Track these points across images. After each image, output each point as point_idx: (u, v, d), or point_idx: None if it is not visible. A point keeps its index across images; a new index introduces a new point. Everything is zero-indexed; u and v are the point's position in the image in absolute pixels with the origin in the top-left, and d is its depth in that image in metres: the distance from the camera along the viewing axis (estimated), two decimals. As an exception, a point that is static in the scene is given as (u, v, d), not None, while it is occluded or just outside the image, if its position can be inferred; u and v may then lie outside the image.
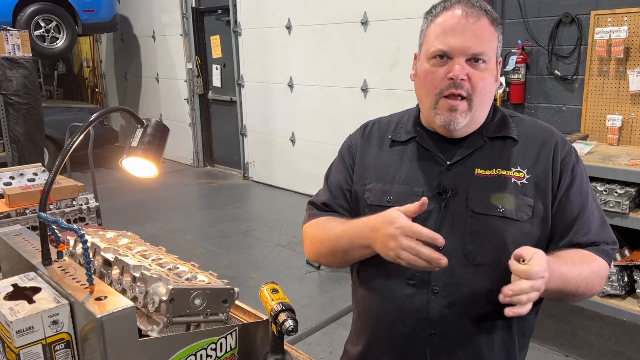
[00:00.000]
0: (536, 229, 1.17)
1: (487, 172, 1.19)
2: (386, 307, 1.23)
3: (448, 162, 1.22)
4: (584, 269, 1.14)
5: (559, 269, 1.09)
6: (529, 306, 0.99)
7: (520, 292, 0.98)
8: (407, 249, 1.04)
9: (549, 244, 1.21)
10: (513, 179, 1.18)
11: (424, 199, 1.07)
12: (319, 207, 1.39)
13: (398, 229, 1.06)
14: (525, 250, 1.02)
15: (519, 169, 1.19)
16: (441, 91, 1.16)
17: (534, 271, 0.98)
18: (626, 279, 2.94)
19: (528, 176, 1.18)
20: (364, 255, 1.21)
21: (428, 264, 1.03)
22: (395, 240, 1.06)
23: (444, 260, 1.03)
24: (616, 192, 2.79)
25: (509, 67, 3.97)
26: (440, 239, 1.03)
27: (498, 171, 1.19)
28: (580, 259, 1.15)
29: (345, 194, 1.35)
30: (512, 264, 1.01)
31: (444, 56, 1.16)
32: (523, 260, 1.01)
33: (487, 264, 1.14)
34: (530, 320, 1.25)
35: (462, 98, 1.16)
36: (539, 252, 1.02)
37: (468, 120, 1.18)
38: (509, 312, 0.99)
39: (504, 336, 1.20)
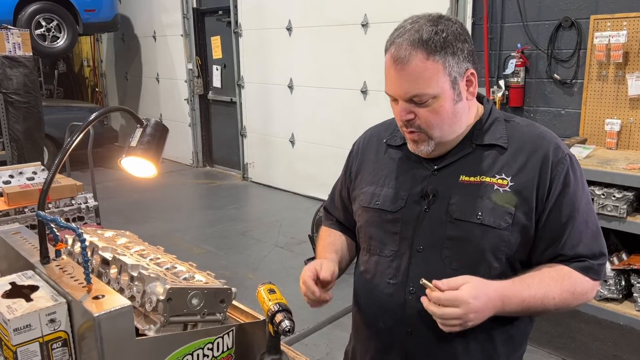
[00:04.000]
0: (516, 237, 1.16)
1: (472, 178, 1.20)
2: (370, 304, 1.28)
3: (435, 167, 1.23)
4: (553, 289, 1.14)
5: (518, 294, 1.12)
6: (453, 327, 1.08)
7: (437, 316, 1.08)
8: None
9: (533, 253, 1.20)
10: (496, 186, 1.17)
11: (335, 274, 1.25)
12: (325, 211, 1.54)
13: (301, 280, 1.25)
14: (453, 280, 1.09)
15: (503, 176, 1.18)
16: (401, 125, 1.21)
17: (443, 298, 1.07)
18: (623, 282, 2.94)
19: (511, 184, 1.17)
20: None
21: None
22: None
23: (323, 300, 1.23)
24: (614, 196, 2.80)
25: (509, 71, 3.98)
26: (316, 292, 1.21)
27: (482, 178, 1.19)
28: (552, 278, 1.15)
29: (338, 198, 1.47)
30: (428, 293, 1.10)
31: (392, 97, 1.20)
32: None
33: (463, 269, 1.15)
34: (520, 325, 1.25)
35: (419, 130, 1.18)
36: (470, 283, 1.08)
37: (435, 144, 1.20)
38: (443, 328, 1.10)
39: (482, 340, 1.20)
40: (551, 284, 1.15)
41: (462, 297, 1.06)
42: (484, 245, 1.16)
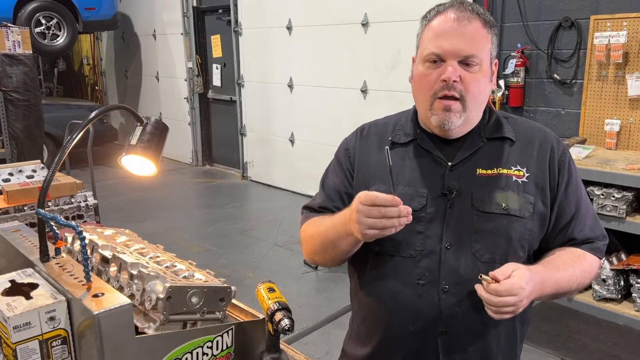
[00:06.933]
0: (536, 226, 1.22)
1: (489, 171, 1.23)
2: (395, 309, 1.23)
3: (450, 164, 1.24)
4: (575, 270, 1.21)
5: (552, 276, 1.17)
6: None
7: (494, 303, 1.07)
8: (368, 213, 1.07)
9: (546, 239, 1.25)
10: (514, 177, 1.22)
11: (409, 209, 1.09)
12: (316, 210, 1.39)
13: (357, 200, 1.10)
14: (504, 269, 1.09)
15: (518, 167, 1.23)
16: (435, 93, 1.19)
17: (501, 289, 1.07)
18: (622, 283, 2.95)
19: (528, 174, 1.22)
20: (350, 245, 1.22)
21: (397, 221, 1.06)
22: (358, 212, 1.08)
23: (405, 208, 1.07)
24: (613, 197, 2.80)
25: (509, 71, 3.98)
26: (396, 200, 1.06)
27: (499, 170, 1.23)
28: (572, 260, 1.22)
29: (343, 196, 1.35)
30: (478, 287, 1.10)
31: (437, 59, 1.19)
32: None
33: (494, 260, 1.18)
34: (527, 310, 1.28)
35: (456, 99, 1.18)
36: (520, 269, 1.09)
37: (463, 120, 1.21)
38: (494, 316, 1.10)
39: (508, 328, 1.25)
40: (573, 265, 1.21)
41: (518, 284, 1.07)
42: (511, 235, 1.19)
